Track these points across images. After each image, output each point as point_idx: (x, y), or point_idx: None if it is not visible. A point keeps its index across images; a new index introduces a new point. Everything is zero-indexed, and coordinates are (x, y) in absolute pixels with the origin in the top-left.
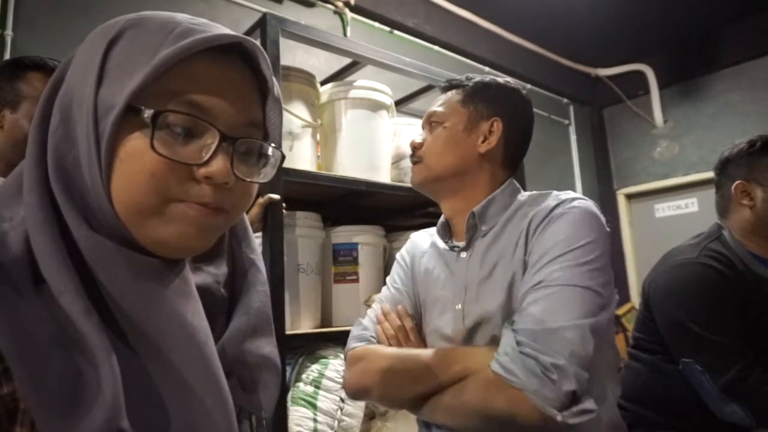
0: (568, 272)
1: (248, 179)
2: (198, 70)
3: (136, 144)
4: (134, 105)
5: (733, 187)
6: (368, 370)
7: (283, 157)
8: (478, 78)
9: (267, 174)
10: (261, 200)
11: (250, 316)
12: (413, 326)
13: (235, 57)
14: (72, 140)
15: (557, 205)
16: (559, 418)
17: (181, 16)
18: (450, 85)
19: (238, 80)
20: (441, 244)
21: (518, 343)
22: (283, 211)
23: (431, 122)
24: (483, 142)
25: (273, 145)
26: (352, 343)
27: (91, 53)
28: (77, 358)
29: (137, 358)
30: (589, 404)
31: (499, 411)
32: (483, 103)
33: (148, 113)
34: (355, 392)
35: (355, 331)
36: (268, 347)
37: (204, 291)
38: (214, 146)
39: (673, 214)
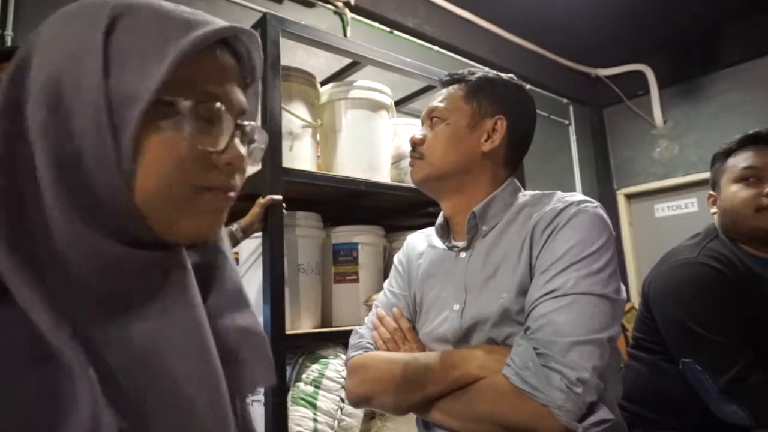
0: (584, 281)
1: (248, 161)
2: (205, 61)
3: (165, 135)
4: (163, 97)
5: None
6: (367, 378)
7: (267, 138)
8: (481, 73)
9: (258, 157)
10: (262, 201)
11: (226, 294)
12: (410, 327)
13: (223, 45)
14: (69, 132)
15: (564, 208)
16: (580, 430)
17: (166, 4)
18: (451, 79)
19: (234, 69)
20: (439, 244)
21: (539, 355)
22: (284, 211)
23: (432, 118)
24: (486, 140)
25: (258, 127)
26: (350, 353)
27: (81, 39)
28: (53, 376)
29: (130, 360)
30: (605, 414)
31: (518, 423)
32: (487, 99)
33: (184, 104)
34: (356, 401)
35: (352, 340)
36: (248, 318)
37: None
38: (230, 133)
39: (672, 214)
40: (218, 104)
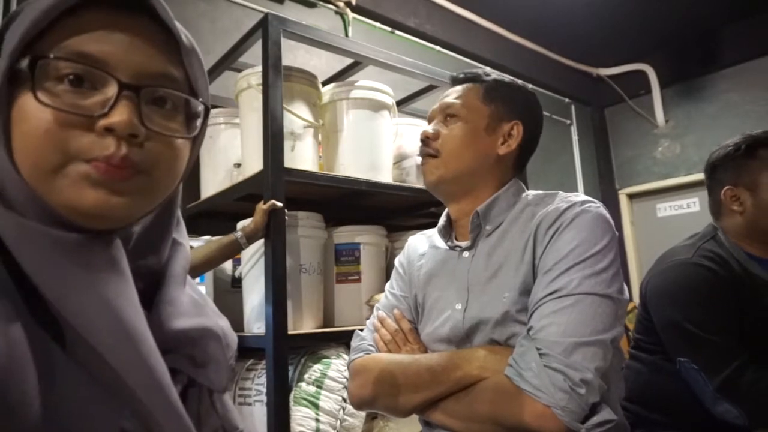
0: (587, 281)
1: (160, 130)
2: (87, 23)
3: (26, 101)
4: (16, 64)
5: (722, 192)
6: (369, 381)
7: (207, 109)
8: (496, 75)
9: (192, 129)
10: (264, 206)
11: (184, 293)
12: (411, 328)
13: (135, 13)
14: None
15: (567, 208)
16: (582, 431)
17: None
18: (466, 78)
19: (135, 30)
20: (441, 244)
21: (542, 356)
22: (285, 210)
23: (447, 115)
24: (503, 144)
25: (183, 95)
26: (352, 356)
27: None
28: None
29: (61, 346)
30: (608, 414)
31: (520, 424)
32: (504, 103)
33: (24, 62)
34: (359, 404)
35: (353, 343)
36: (207, 319)
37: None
38: (114, 96)
39: (674, 214)
40: (91, 64)
